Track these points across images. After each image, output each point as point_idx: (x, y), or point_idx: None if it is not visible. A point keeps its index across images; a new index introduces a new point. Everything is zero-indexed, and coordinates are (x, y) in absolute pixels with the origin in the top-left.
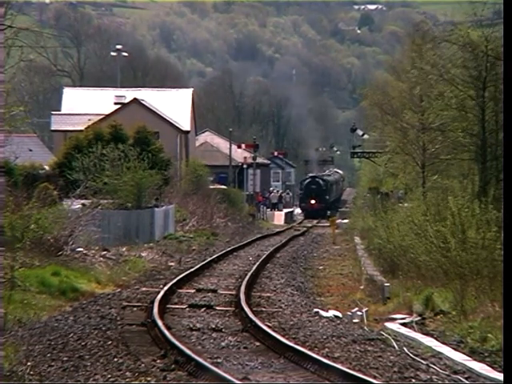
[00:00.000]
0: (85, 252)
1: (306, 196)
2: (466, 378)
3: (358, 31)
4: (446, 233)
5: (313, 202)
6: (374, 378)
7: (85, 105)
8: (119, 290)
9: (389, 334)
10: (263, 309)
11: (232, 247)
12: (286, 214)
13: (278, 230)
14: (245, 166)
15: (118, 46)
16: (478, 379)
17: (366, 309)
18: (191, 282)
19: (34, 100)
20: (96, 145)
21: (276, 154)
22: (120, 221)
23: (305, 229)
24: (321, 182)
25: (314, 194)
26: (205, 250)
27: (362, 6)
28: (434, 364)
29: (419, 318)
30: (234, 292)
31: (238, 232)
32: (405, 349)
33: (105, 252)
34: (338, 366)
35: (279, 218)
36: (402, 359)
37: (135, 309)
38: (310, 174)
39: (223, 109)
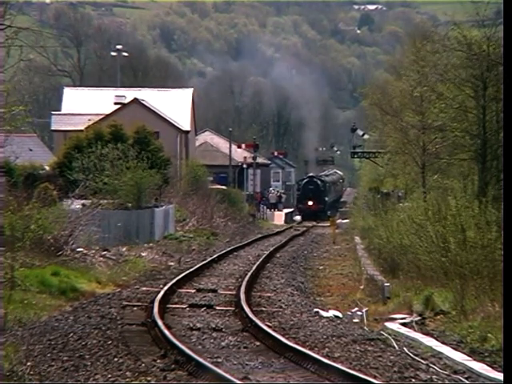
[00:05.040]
0: (85, 252)
1: (304, 197)
2: (466, 378)
3: (358, 31)
4: (446, 233)
5: (310, 203)
6: (374, 377)
7: (85, 105)
8: (119, 289)
9: (389, 334)
10: (263, 308)
11: (232, 247)
12: (286, 214)
13: (277, 229)
14: (245, 166)
15: (118, 46)
16: (477, 379)
17: (366, 309)
18: (191, 281)
19: (34, 100)
20: (96, 145)
21: (276, 153)
22: (120, 221)
23: (305, 229)
24: (319, 182)
25: (312, 194)
26: (205, 249)
27: (362, 6)
28: (434, 364)
29: (419, 317)
30: (234, 292)
31: (238, 232)
32: (405, 349)
33: (105, 252)
34: (338, 365)
35: (279, 218)
36: (402, 359)
37: (135, 308)
38: (308, 174)
39: (223, 109)
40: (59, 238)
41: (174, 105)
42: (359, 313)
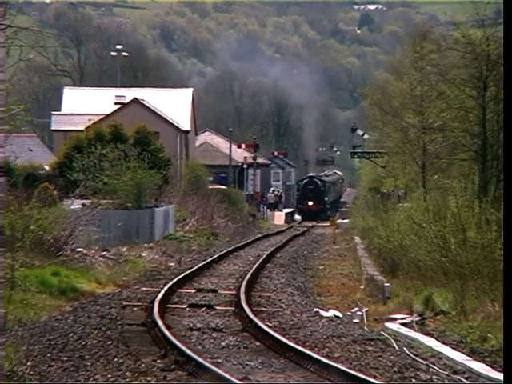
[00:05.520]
0: (85, 252)
1: (304, 197)
2: (466, 378)
3: (358, 31)
4: (446, 233)
5: (310, 203)
6: (374, 377)
7: (85, 105)
8: (119, 289)
9: (389, 334)
10: (263, 308)
11: (232, 247)
12: (287, 214)
13: (278, 229)
14: (245, 166)
15: (118, 46)
16: (477, 379)
17: (366, 309)
18: (191, 281)
19: (34, 100)
20: (96, 145)
21: (276, 153)
22: (120, 221)
23: (305, 229)
24: (319, 182)
25: (312, 194)
26: (205, 250)
27: (362, 6)
28: (434, 364)
29: (419, 317)
30: (234, 292)
31: (238, 232)
32: (405, 349)
33: (105, 252)
34: (338, 365)
35: (279, 218)
36: (402, 359)
37: (135, 309)
38: (308, 174)
39: (223, 109)
40: (59, 238)
41: (174, 105)
42: (359, 313)
